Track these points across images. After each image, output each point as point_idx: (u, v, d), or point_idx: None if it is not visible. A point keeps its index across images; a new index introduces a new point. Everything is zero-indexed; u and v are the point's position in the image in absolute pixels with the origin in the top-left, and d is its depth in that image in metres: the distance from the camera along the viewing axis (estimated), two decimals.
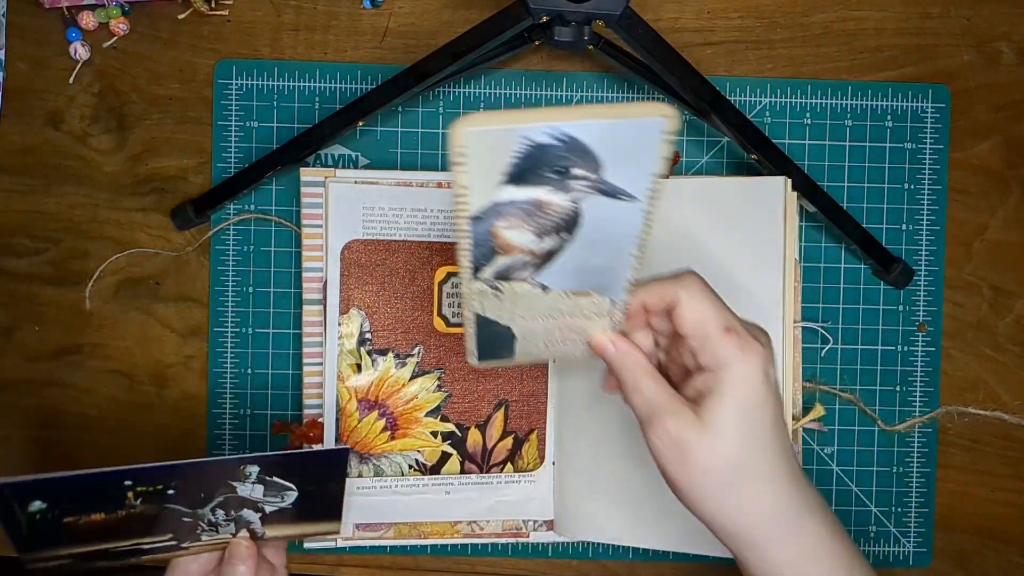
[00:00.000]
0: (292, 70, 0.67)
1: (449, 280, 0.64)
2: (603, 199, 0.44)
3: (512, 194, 0.43)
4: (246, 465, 0.52)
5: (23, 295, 0.68)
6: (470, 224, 0.44)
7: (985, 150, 0.69)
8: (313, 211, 0.64)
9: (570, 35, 0.58)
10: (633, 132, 0.41)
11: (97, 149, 0.68)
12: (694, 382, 0.48)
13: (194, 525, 0.54)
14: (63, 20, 0.67)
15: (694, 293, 0.47)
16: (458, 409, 0.65)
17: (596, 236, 0.46)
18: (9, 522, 0.50)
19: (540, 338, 0.52)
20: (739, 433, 0.46)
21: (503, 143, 0.40)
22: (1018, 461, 0.69)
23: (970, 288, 0.69)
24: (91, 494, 0.51)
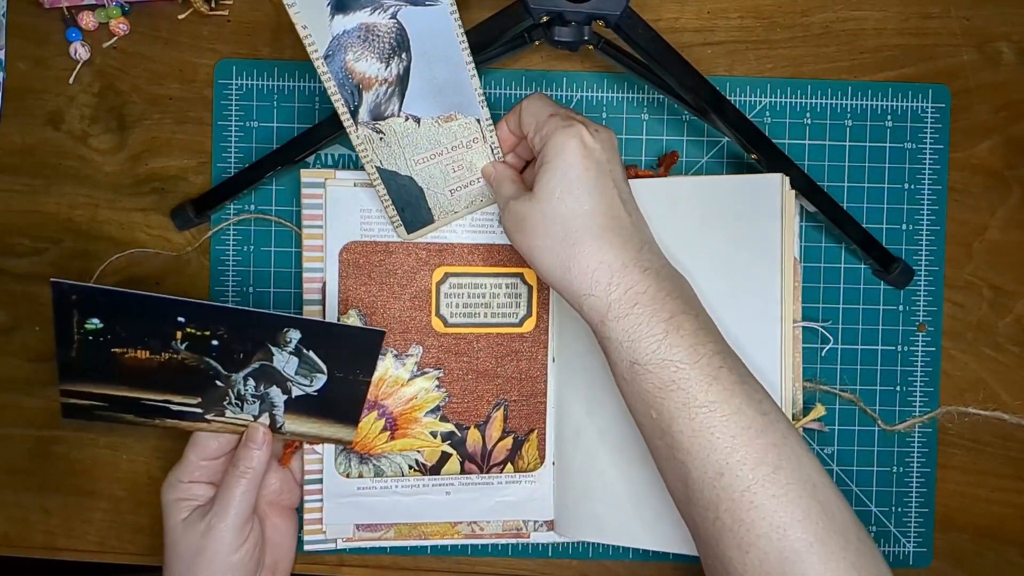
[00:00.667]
0: (292, 70, 0.67)
1: (447, 280, 0.64)
2: (413, 9, 0.53)
3: (343, 23, 0.53)
4: (289, 329, 0.56)
5: (23, 295, 0.68)
6: (325, 64, 0.54)
7: (985, 150, 0.69)
8: (313, 212, 0.64)
9: (570, 35, 0.58)
10: (435, 18, 0.53)
11: (97, 149, 0.68)
12: (534, 168, 0.56)
13: (223, 394, 0.57)
14: (63, 20, 0.67)
15: (531, 98, 0.57)
16: (457, 409, 0.65)
17: (427, 49, 0.55)
18: (64, 335, 0.52)
19: (441, 183, 0.60)
20: (560, 195, 0.53)
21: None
22: (1018, 461, 0.69)
23: (970, 288, 0.69)
24: (146, 323, 0.54)
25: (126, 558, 0.69)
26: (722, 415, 0.51)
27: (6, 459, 0.68)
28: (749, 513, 0.49)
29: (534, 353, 0.66)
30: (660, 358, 0.51)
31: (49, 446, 0.68)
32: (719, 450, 0.50)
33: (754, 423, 0.51)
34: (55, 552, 0.68)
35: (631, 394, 0.53)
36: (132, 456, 0.68)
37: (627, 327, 0.52)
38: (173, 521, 0.59)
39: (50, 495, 0.68)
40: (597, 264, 0.53)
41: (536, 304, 0.65)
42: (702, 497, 0.51)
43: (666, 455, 0.53)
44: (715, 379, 0.51)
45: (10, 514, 0.68)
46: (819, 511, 0.50)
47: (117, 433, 0.68)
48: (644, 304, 0.52)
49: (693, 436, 0.51)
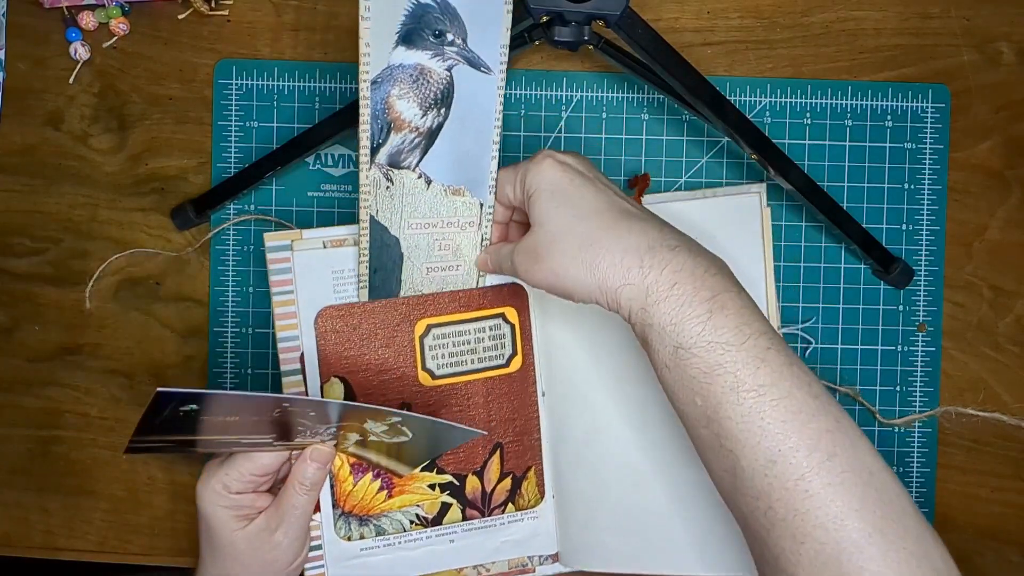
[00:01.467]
0: (292, 70, 0.67)
1: (430, 332, 0.62)
2: (469, 70, 0.55)
3: (402, 56, 0.54)
4: (392, 415, 0.54)
5: (23, 295, 0.68)
6: (370, 90, 0.54)
7: (985, 150, 0.69)
8: (281, 277, 0.60)
9: (570, 35, 0.58)
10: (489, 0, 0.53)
11: (97, 149, 0.68)
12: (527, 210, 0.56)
13: (301, 432, 0.56)
14: (63, 20, 0.67)
15: (499, 181, 0.58)
16: (453, 459, 0.63)
17: (465, 113, 0.56)
18: (153, 418, 0.49)
19: (423, 257, 0.60)
20: (557, 210, 0.53)
21: (397, 2, 0.52)
22: (1018, 461, 0.69)
23: (970, 288, 0.69)
24: (243, 408, 0.52)
25: (126, 558, 0.69)
26: (772, 399, 0.49)
27: (6, 459, 0.68)
28: (804, 503, 0.47)
29: (524, 390, 0.64)
30: (706, 340, 0.49)
31: (49, 446, 0.68)
32: (770, 436, 0.48)
33: (805, 407, 0.49)
34: (55, 552, 0.68)
35: (674, 382, 0.51)
36: (132, 457, 0.68)
37: (668, 309, 0.50)
38: (228, 529, 0.57)
39: (50, 495, 0.68)
40: (623, 250, 0.51)
41: (520, 341, 0.64)
42: (752, 487, 0.49)
43: (712, 444, 0.51)
44: (763, 361, 0.49)
45: (10, 514, 0.68)
46: (876, 499, 0.48)
47: (117, 433, 0.68)
48: (683, 283, 0.50)
49: (742, 422, 0.49)
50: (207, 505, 0.57)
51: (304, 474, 0.58)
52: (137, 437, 0.51)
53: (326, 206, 0.68)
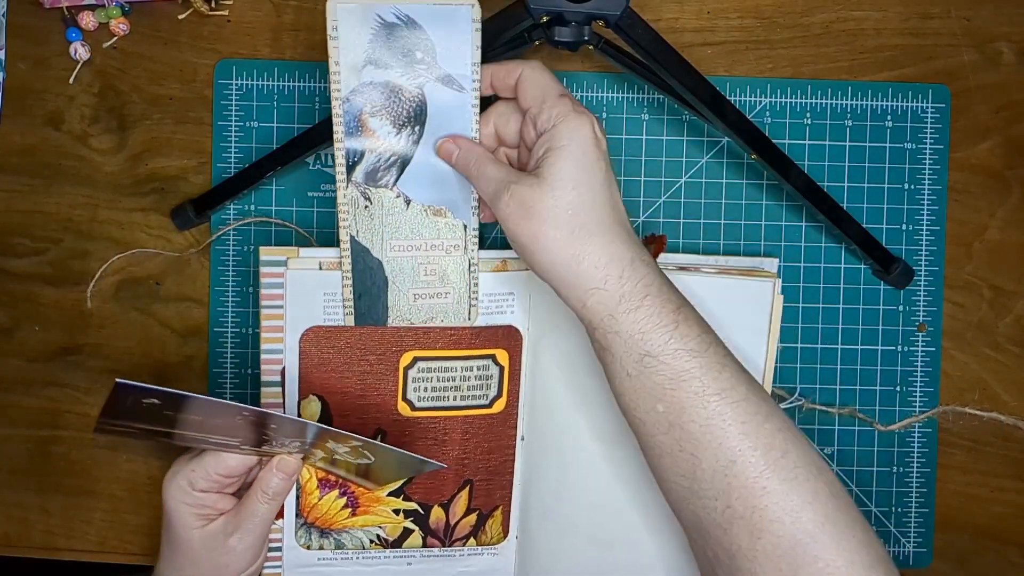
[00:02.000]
0: (292, 70, 0.67)
1: (416, 364, 0.61)
2: (441, 87, 0.55)
3: (372, 75, 0.55)
4: (353, 439, 0.54)
5: (23, 295, 0.68)
6: (342, 107, 0.55)
7: (985, 150, 0.69)
8: (273, 291, 0.59)
9: (570, 35, 0.58)
10: (453, 17, 0.54)
11: (97, 149, 0.68)
12: (535, 150, 0.53)
13: (267, 440, 0.56)
14: (63, 20, 0.67)
15: (534, 68, 0.54)
16: (421, 489, 0.63)
17: (440, 130, 0.56)
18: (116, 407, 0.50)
19: (408, 282, 0.59)
20: (574, 182, 0.51)
21: (363, 20, 0.53)
22: (1018, 461, 0.69)
23: (970, 288, 0.69)
24: (205, 412, 0.52)
25: (126, 558, 0.69)
26: (732, 402, 0.51)
27: (6, 459, 0.68)
28: (762, 499, 0.49)
29: (503, 432, 0.63)
30: (673, 348, 0.51)
31: (49, 446, 0.68)
32: (732, 437, 0.50)
33: (760, 408, 0.51)
34: (55, 552, 0.68)
35: (636, 389, 0.52)
36: (132, 456, 0.68)
37: (639, 318, 0.51)
38: (187, 527, 0.58)
39: (50, 495, 0.68)
40: (609, 258, 0.52)
41: (507, 384, 0.63)
42: (712, 487, 0.51)
43: (671, 450, 0.52)
44: (724, 367, 0.51)
45: (10, 514, 0.68)
46: (827, 491, 0.50)
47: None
48: (653, 296, 0.52)
49: (706, 424, 0.50)
50: (170, 500, 0.57)
51: (268, 483, 0.58)
52: (104, 420, 0.51)
53: (326, 206, 0.68)
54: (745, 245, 0.68)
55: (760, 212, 0.68)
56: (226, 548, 0.58)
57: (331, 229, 0.68)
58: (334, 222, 0.67)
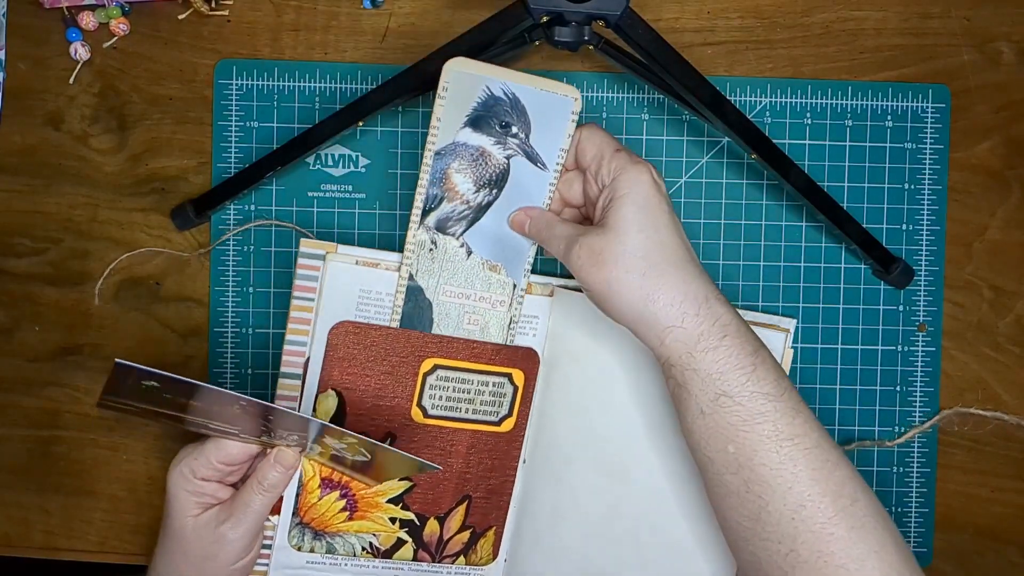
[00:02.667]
0: (292, 70, 0.67)
1: (435, 372, 0.62)
2: (526, 162, 0.59)
3: (468, 137, 0.59)
4: (348, 435, 0.55)
5: (23, 295, 0.68)
6: (432, 159, 0.59)
7: (985, 150, 0.69)
8: (307, 283, 0.61)
9: (570, 35, 0.58)
10: (555, 104, 0.57)
11: (97, 149, 0.68)
12: (599, 203, 0.56)
13: (268, 432, 0.56)
14: (63, 20, 0.67)
15: (591, 129, 0.57)
16: (421, 499, 0.63)
17: (514, 199, 0.60)
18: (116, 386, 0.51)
19: (452, 327, 0.61)
20: (640, 227, 0.53)
21: (473, 87, 0.57)
22: (1018, 461, 0.69)
23: (970, 288, 0.69)
24: (203, 397, 0.53)
25: (126, 558, 0.69)
26: (805, 448, 0.52)
27: (6, 459, 0.68)
28: (829, 545, 0.51)
29: (507, 452, 0.64)
30: (750, 390, 0.52)
31: (49, 446, 0.68)
32: (802, 482, 0.51)
33: (831, 456, 0.52)
34: (55, 552, 0.68)
35: (708, 428, 0.53)
36: (132, 456, 0.68)
37: (717, 358, 0.52)
38: (183, 514, 0.58)
39: (50, 495, 0.68)
40: (684, 296, 0.53)
41: (518, 405, 0.64)
42: (777, 531, 0.52)
43: (738, 490, 0.53)
44: (798, 412, 0.53)
45: (10, 514, 0.68)
46: (893, 543, 0.52)
47: (117, 433, 0.68)
48: (732, 336, 0.53)
49: (777, 468, 0.52)
50: (172, 486, 0.58)
51: (265, 475, 0.58)
52: (106, 397, 0.52)
53: (326, 206, 0.68)
54: (745, 245, 0.68)
55: (760, 212, 0.68)
56: (216, 536, 0.58)
57: (331, 229, 0.68)
58: (334, 222, 0.68)
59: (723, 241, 0.68)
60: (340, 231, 0.68)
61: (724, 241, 0.68)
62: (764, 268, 0.68)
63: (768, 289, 0.68)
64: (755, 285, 0.68)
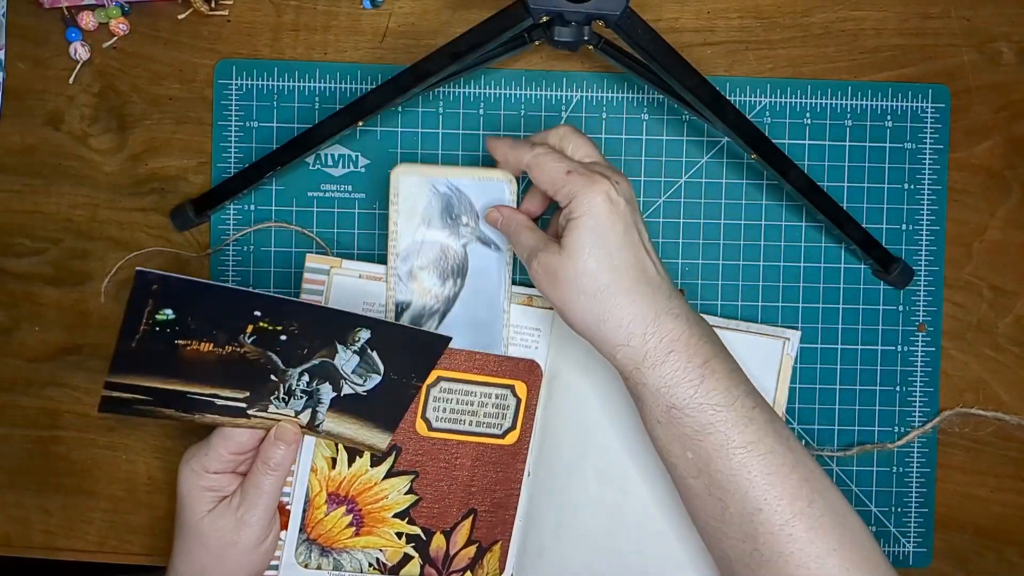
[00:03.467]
0: (292, 70, 0.67)
1: (439, 383, 0.62)
2: (482, 247, 0.63)
3: (425, 235, 0.63)
4: (361, 328, 0.56)
5: (23, 295, 0.68)
6: (397, 260, 0.62)
7: (985, 150, 0.69)
8: (312, 298, 0.63)
9: (570, 35, 0.58)
10: (494, 189, 0.62)
11: (97, 149, 0.68)
12: (560, 222, 0.56)
13: (274, 388, 0.57)
14: (63, 20, 0.67)
15: (537, 155, 0.57)
16: (427, 513, 0.63)
17: (478, 285, 0.63)
18: (131, 325, 0.52)
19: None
20: (590, 250, 0.54)
21: (420, 188, 0.62)
22: (1018, 461, 0.69)
23: (970, 288, 0.69)
24: (220, 315, 0.53)
25: (126, 558, 0.69)
26: (759, 454, 0.53)
27: (6, 459, 0.68)
28: (787, 546, 0.52)
29: (512, 465, 0.64)
30: (698, 402, 0.53)
31: (49, 446, 0.68)
32: (757, 487, 0.53)
33: (786, 459, 0.54)
34: (55, 552, 0.68)
35: (666, 436, 0.55)
36: (132, 456, 0.68)
37: (663, 373, 0.54)
38: (197, 510, 0.59)
39: (50, 495, 0.68)
40: (631, 316, 0.54)
41: (522, 418, 0.64)
42: (740, 530, 0.54)
43: (701, 493, 0.55)
44: (750, 420, 0.54)
45: (10, 514, 0.68)
46: (851, 539, 0.53)
47: (117, 433, 0.68)
48: (679, 351, 0.54)
49: (731, 475, 0.53)
50: (183, 484, 0.59)
51: (269, 454, 0.59)
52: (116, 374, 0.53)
53: (326, 206, 0.68)
54: (745, 245, 0.68)
55: (760, 212, 0.68)
56: (234, 522, 0.58)
57: (331, 230, 0.68)
58: (334, 222, 0.68)
59: (723, 241, 0.68)
60: (340, 231, 0.68)
61: (724, 241, 0.68)
62: (764, 268, 0.68)
63: (768, 289, 0.68)
64: (755, 285, 0.68)
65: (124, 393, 0.55)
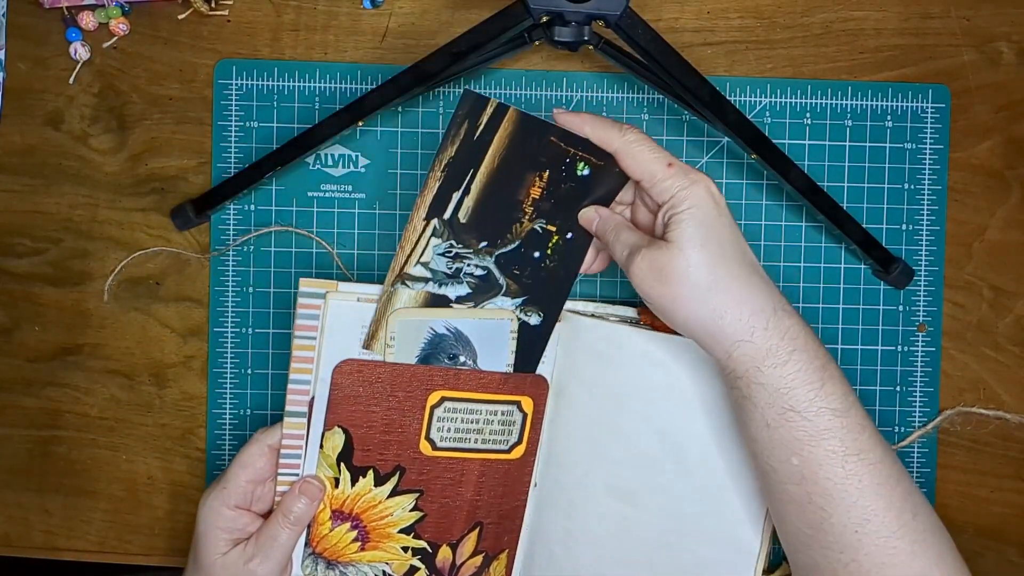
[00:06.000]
0: (292, 70, 0.67)
1: (443, 404, 0.61)
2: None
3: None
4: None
5: (23, 295, 0.68)
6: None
7: (985, 150, 0.69)
8: (308, 323, 0.59)
9: (570, 35, 0.58)
10: (494, 328, 0.61)
11: (97, 149, 0.68)
12: (658, 219, 0.55)
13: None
14: (63, 20, 0.67)
15: (632, 143, 0.55)
16: (432, 528, 0.63)
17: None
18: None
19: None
20: (702, 242, 0.53)
21: (417, 331, 0.60)
22: (1018, 461, 0.69)
23: (970, 288, 0.69)
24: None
25: (126, 558, 0.69)
26: (870, 463, 0.52)
27: (6, 459, 0.68)
28: (892, 558, 0.52)
29: (519, 478, 0.64)
30: (817, 406, 0.52)
31: (49, 446, 0.68)
32: (867, 497, 0.52)
33: (894, 470, 0.53)
34: (55, 552, 0.68)
35: (772, 440, 0.53)
36: (132, 456, 0.68)
37: (785, 373, 0.52)
38: (211, 552, 0.58)
39: (50, 495, 0.68)
40: (751, 310, 0.52)
41: (528, 431, 0.63)
42: (839, 542, 0.52)
43: (801, 500, 0.53)
44: (864, 428, 0.53)
45: (10, 514, 0.68)
46: (951, 553, 0.53)
47: (117, 433, 0.68)
48: (800, 350, 0.52)
49: (841, 483, 0.52)
50: (202, 523, 0.58)
51: (291, 508, 0.58)
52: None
53: (326, 206, 0.68)
54: None
55: (760, 212, 0.68)
56: (245, 572, 0.58)
57: (331, 230, 0.68)
58: (334, 222, 0.68)
59: None
60: (340, 231, 0.68)
61: None
62: (764, 268, 0.68)
63: None
64: None
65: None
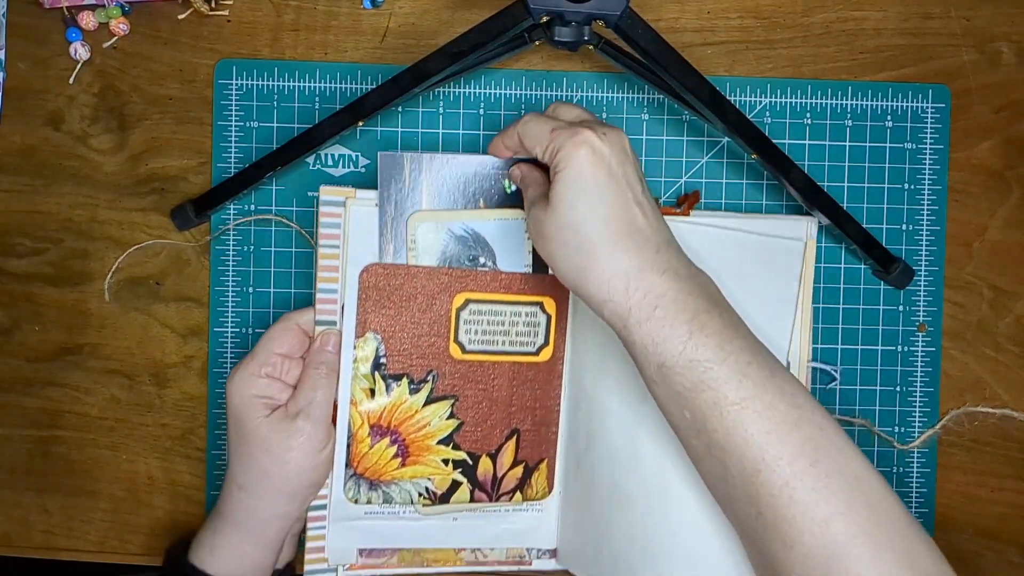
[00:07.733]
0: (292, 70, 0.67)
1: (468, 306, 0.63)
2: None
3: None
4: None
5: (23, 295, 0.68)
6: None
7: (985, 150, 0.69)
8: (331, 231, 0.62)
9: (570, 35, 0.58)
10: (510, 229, 0.63)
11: (97, 149, 0.68)
12: (550, 178, 0.56)
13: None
14: (63, 20, 0.67)
15: (527, 124, 0.57)
16: (470, 437, 0.64)
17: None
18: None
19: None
20: (571, 202, 0.53)
21: (437, 234, 0.62)
22: (1018, 461, 0.69)
23: (970, 288, 0.69)
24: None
25: (126, 558, 0.69)
26: (754, 411, 0.51)
27: (6, 459, 0.68)
28: (789, 509, 0.49)
29: (549, 382, 0.65)
30: (687, 359, 0.51)
31: (49, 446, 0.68)
32: (754, 446, 0.50)
33: (788, 417, 0.51)
34: (55, 552, 0.68)
35: (662, 395, 0.53)
36: (132, 456, 0.68)
37: (649, 331, 0.52)
38: (254, 417, 0.59)
39: (50, 495, 0.68)
40: (613, 271, 0.52)
41: (554, 333, 0.64)
42: (743, 494, 0.51)
43: (703, 454, 0.53)
44: (744, 376, 0.51)
45: (10, 514, 0.68)
46: (863, 502, 0.50)
47: (117, 433, 0.68)
48: (665, 307, 0.52)
49: (727, 434, 0.51)
50: (235, 396, 0.60)
51: (319, 359, 0.61)
52: None
53: None
54: None
55: (760, 212, 0.68)
56: (294, 430, 0.59)
57: None
58: None
59: None
60: None
61: None
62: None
63: None
64: None
65: None
